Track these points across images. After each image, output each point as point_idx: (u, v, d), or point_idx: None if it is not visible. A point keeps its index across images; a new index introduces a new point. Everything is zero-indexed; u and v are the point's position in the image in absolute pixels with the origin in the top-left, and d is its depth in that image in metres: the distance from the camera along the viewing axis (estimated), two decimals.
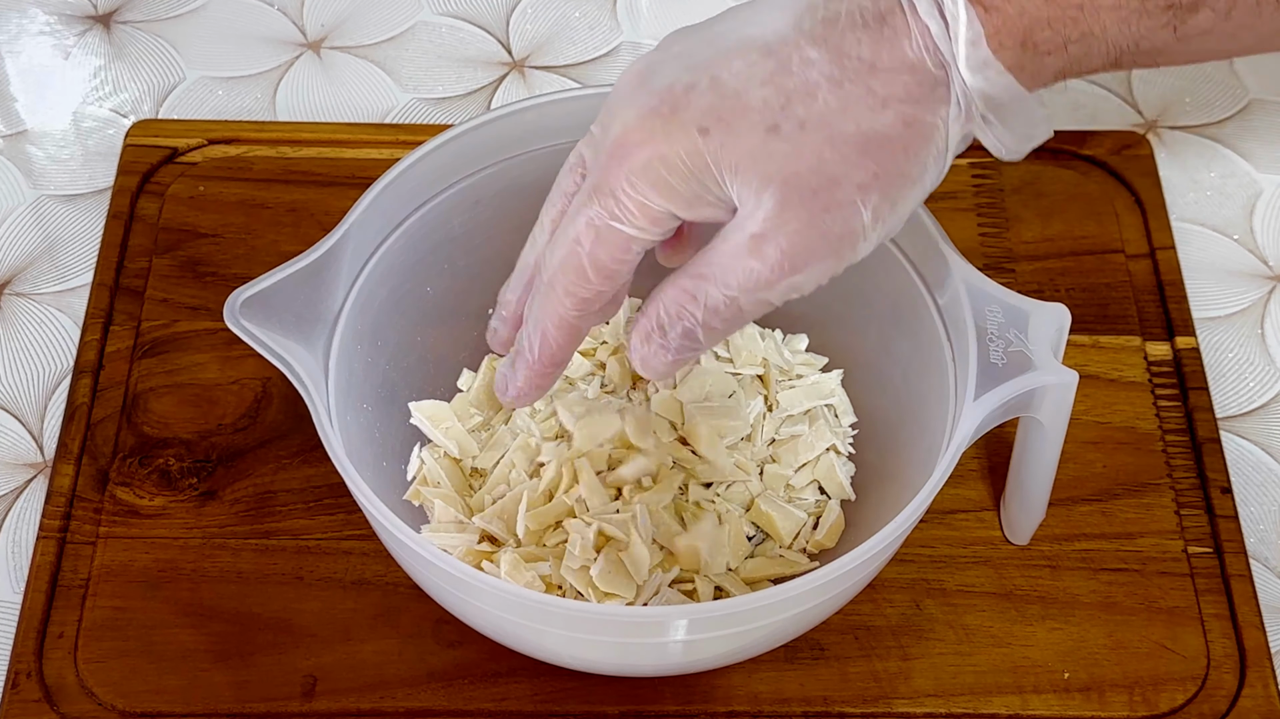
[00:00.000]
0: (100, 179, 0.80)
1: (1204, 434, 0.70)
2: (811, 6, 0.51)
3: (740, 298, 0.51)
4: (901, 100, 0.50)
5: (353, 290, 0.62)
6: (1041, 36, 0.49)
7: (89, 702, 0.62)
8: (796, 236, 0.50)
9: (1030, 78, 0.50)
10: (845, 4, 0.50)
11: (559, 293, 0.53)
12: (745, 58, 0.51)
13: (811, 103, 0.50)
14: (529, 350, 0.55)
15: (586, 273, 0.53)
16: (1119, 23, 0.49)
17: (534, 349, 0.55)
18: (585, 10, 0.89)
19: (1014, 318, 0.58)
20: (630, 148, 0.51)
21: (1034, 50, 0.49)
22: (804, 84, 0.50)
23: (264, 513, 0.68)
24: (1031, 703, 0.63)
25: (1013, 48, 0.49)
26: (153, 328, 0.73)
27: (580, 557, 0.60)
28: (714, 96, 0.50)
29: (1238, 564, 0.67)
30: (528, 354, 0.55)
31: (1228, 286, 0.77)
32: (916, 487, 0.55)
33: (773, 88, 0.50)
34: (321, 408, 0.56)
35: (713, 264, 0.51)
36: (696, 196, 0.51)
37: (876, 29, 0.50)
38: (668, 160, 0.50)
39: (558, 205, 0.56)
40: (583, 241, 0.52)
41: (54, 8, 0.88)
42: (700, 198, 0.51)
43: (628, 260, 0.53)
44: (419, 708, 0.63)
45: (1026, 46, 0.49)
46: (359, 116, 0.83)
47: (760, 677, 0.64)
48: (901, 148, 0.50)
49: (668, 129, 0.50)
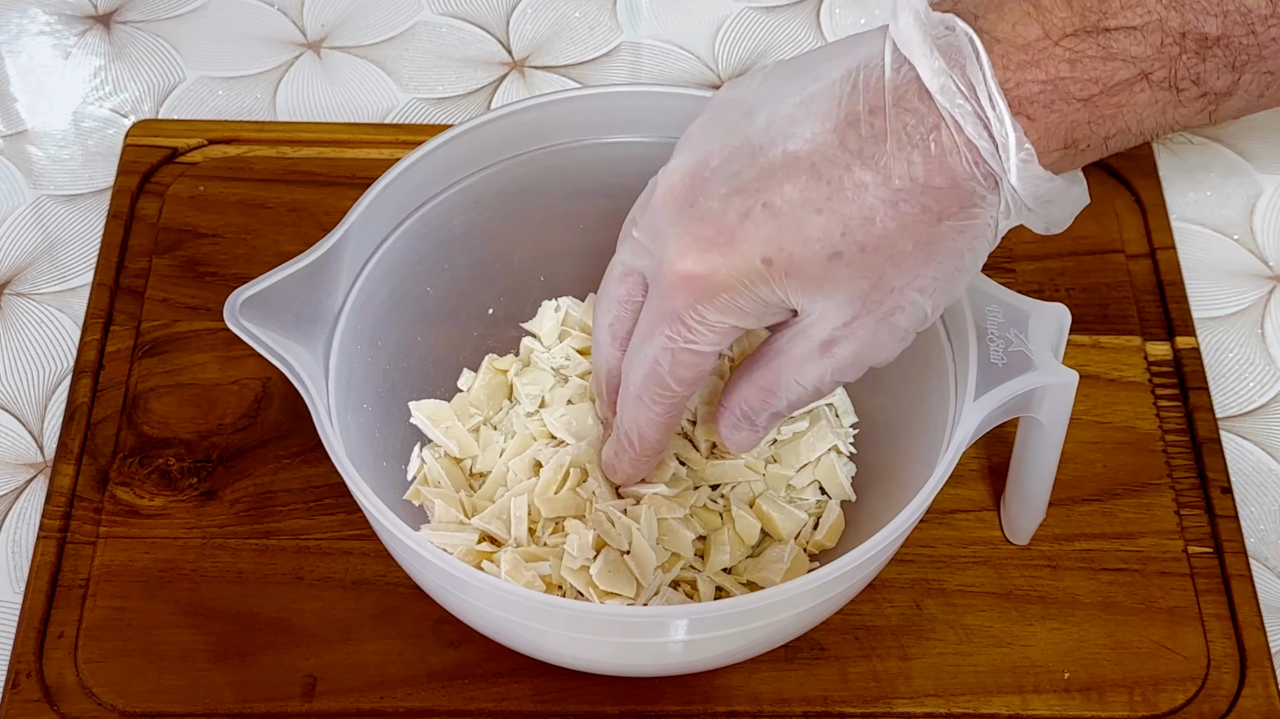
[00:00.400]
0: (100, 179, 0.80)
1: (1204, 434, 0.70)
2: (852, 119, 0.50)
3: (815, 392, 0.55)
4: (956, 215, 0.50)
5: (353, 290, 0.61)
6: (1081, 136, 0.50)
7: (89, 702, 0.62)
8: (867, 338, 0.53)
9: (1070, 168, 0.51)
10: (890, 121, 0.50)
11: (647, 403, 0.57)
12: (795, 181, 0.51)
13: (870, 227, 0.50)
14: (630, 447, 0.59)
15: (670, 386, 0.56)
16: (1155, 115, 0.50)
17: (634, 446, 0.59)
18: (585, 10, 0.89)
19: (1014, 318, 0.58)
20: (695, 281, 0.52)
21: (1075, 150, 0.50)
22: (860, 210, 0.50)
23: (264, 513, 0.68)
24: (1031, 703, 0.63)
25: (1056, 151, 0.50)
26: (153, 328, 0.73)
27: (579, 556, 0.60)
28: (770, 226, 0.51)
29: (1238, 564, 0.67)
30: (630, 450, 0.59)
31: (1228, 286, 0.77)
32: (916, 487, 0.55)
33: (829, 215, 0.50)
34: (321, 408, 0.56)
35: (786, 367, 0.54)
36: (762, 315, 0.53)
37: (924, 148, 0.49)
38: (734, 291, 0.52)
39: (612, 312, 0.58)
40: (661, 363, 0.55)
41: (54, 8, 0.88)
42: (765, 315, 0.53)
43: (705, 368, 0.55)
44: (419, 708, 0.63)
45: (1069, 148, 0.50)
46: (359, 116, 0.83)
47: (760, 677, 0.64)
48: (955, 253, 0.51)
49: (729, 262, 0.52)
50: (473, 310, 0.69)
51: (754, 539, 0.64)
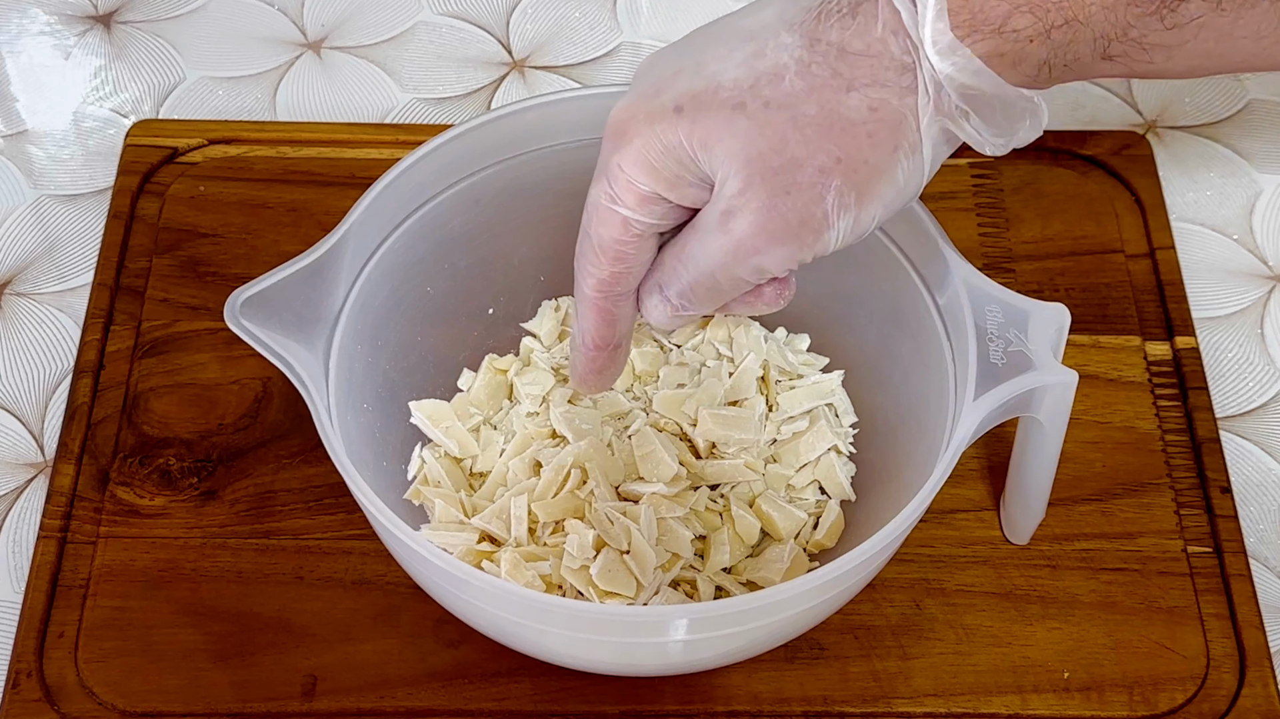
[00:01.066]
0: (100, 179, 0.80)
1: (1204, 434, 0.70)
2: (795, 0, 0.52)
3: (716, 273, 0.53)
4: (868, 85, 0.50)
5: (353, 290, 0.62)
6: (1022, 23, 0.49)
7: (89, 701, 0.62)
8: (758, 216, 0.51)
9: (1012, 67, 0.50)
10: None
11: (581, 276, 0.56)
12: (729, 44, 0.52)
13: (778, 84, 0.51)
14: (576, 336, 0.58)
15: (595, 254, 0.55)
16: (1104, 9, 0.48)
17: (579, 335, 0.58)
18: (585, 10, 0.89)
19: (1014, 318, 0.58)
20: (622, 129, 0.53)
21: (1014, 37, 0.49)
22: (774, 66, 0.51)
23: (264, 513, 0.68)
24: (1031, 703, 0.63)
25: (988, 34, 0.49)
26: (153, 328, 0.73)
27: (579, 556, 0.60)
28: (694, 78, 0.52)
29: (1237, 564, 0.67)
30: (576, 339, 0.58)
31: (1227, 286, 0.77)
32: (916, 487, 0.55)
33: (745, 69, 0.51)
34: (321, 408, 0.56)
35: (690, 241, 0.54)
36: (677, 176, 0.52)
37: (850, 15, 0.50)
38: (648, 141, 0.52)
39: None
40: (589, 225, 0.55)
41: (54, 8, 0.88)
42: (680, 178, 0.52)
43: (629, 242, 0.54)
44: (419, 708, 0.63)
45: (1004, 33, 0.49)
46: (359, 116, 0.83)
47: (760, 677, 0.64)
48: (866, 134, 0.50)
49: (649, 110, 0.52)
50: (473, 310, 0.69)
51: (754, 539, 0.64)
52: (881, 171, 0.51)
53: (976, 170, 0.79)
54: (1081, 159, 0.80)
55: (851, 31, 0.50)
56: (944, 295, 0.60)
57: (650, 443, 0.64)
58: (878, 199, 0.52)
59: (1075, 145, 0.80)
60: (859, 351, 0.68)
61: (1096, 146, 0.80)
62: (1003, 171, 0.79)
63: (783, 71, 0.51)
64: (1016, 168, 0.79)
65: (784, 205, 0.51)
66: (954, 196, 0.78)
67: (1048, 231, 0.77)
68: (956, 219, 0.77)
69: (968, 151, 0.80)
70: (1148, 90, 0.85)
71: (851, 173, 0.51)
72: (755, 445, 0.65)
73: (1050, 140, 0.80)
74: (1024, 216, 0.77)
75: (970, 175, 0.79)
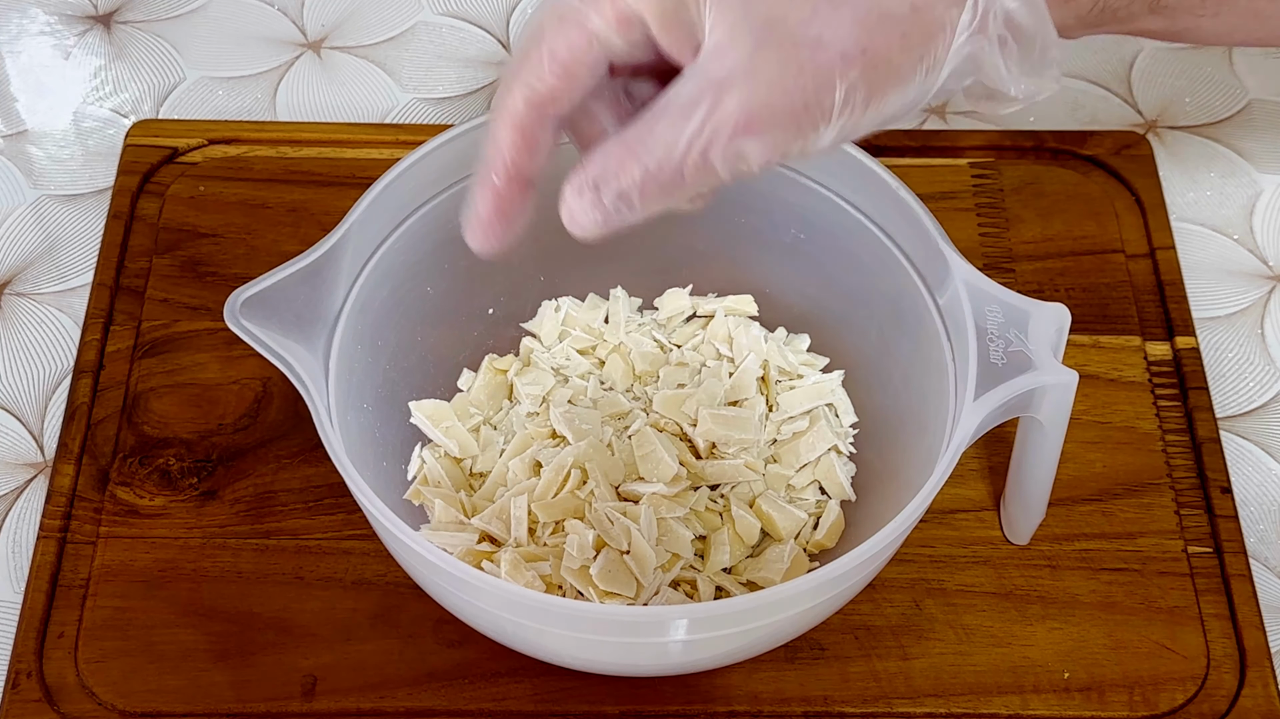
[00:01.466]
0: (100, 179, 0.80)
1: (1204, 434, 0.70)
2: None
3: (685, 158, 0.46)
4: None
5: (353, 290, 0.62)
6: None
7: (89, 701, 0.62)
8: (761, 89, 0.45)
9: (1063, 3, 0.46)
10: None
11: (514, 86, 0.48)
12: None
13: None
14: (484, 165, 0.50)
15: (543, 62, 0.48)
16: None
17: (489, 162, 0.50)
18: None
19: (1014, 318, 0.58)
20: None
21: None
22: None
23: (264, 513, 0.68)
24: (1031, 703, 0.63)
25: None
26: (153, 328, 0.73)
27: (579, 556, 0.60)
28: None
29: (1238, 564, 0.67)
30: (483, 169, 0.50)
31: (1228, 286, 0.77)
32: (916, 487, 0.55)
33: None
34: (321, 408, 0.56)
35: (662, 115, 0.46)
36: (673, 12, 0.47)
37: None
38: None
39: None
40: (545, 27, 0.48)
41: (54, 8, 0.88)
42: (676, 15, 0.47)
43: (584, 62, 0.48)
44: (419, 708, 0.63)
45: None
46: (359, 116, 0.83)
47: (760, 677, 0.64)
48: (901, 33, 0.46)
49: None
50: (473, 310, 0.69)
51: (754, 539, 0.64)
52: (899, 78, 0.46)
53: (976, 170, 0.79)
54: (1082, 159, 0.80)
55: None
56: (944, 295, 0.60)
57: (650, 443, 0.64)
58: (882, 107, 0.47)
59: (1075, 145, 0.80)
60: (859, 352, 0.68)
61: (1097, 146, 0.80)
62: (1003, 171, 0.79)
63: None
64: (1016, 168, 0.79)
65: (794, 83, 0.45)
66: (954, 196, 0.78)
67: (1048, 232, 0.77)
68: (956, 219, 0.77)
69: (968, 151, 0.80)
70: (1148, 90, 0.85)
71: (871, 69, 0.46)
72: (755, 445, 0.65)
73: (1050, 140, 0.80)
74: (1024, 216, 0.77)
75: (970, 175, 0.79)
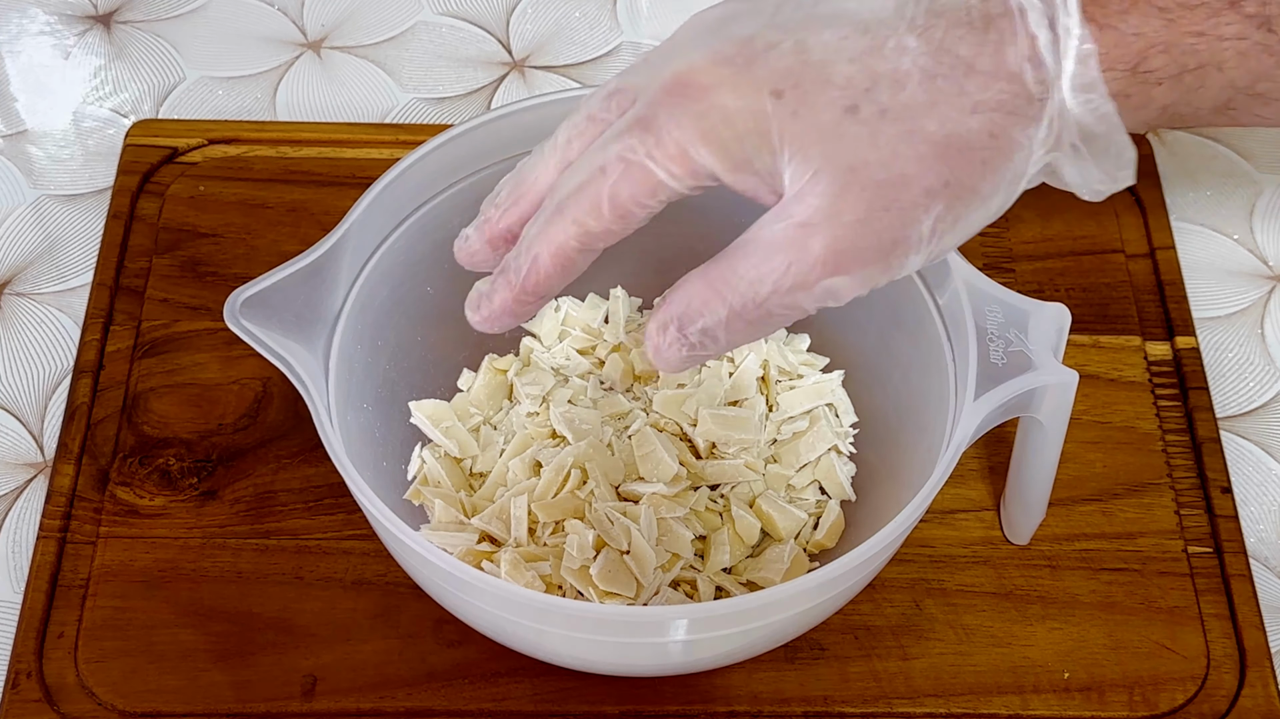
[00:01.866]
0: (100, 179, 0.80)
1: (1204, 434, 0.70)
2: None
3: (771, 298, 0.47)
4: (993, 109, 0.46)
5: (353, 290, 0.62)
6: (1156, 63, 0.45)
7: (89, 702, 0.62)
8: (848, 231, 0.46)
9: (1133, 111, 0.47)
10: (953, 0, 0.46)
11: (566, 220, 0.49)
12: (838, 30, 0.47)
13: (899, 91, 0.46)
14: (514, 273, 0.50)
15: (602, 205, 0.48)
16: (1238, 55, 0.46)
17: (520, 272, 0.50)
18: (585, 10, 0.89)
19: (1014, 318, 0.58)
20: (691, 89, 0.47)
21: (1145, 79, 0.46)
22: (895, 71, 0.46)
23: (264, 513, 0.68)
24: (1031, 703, 0.63)
25: (1122, 73, 0.45)
26: (153, 328, 0.73)
27: (579, 557, 0.60)
28: (796, 60, 0.46)
29: (1238, 564, 0.67)
30: (513, 276, 0.50)
31: (1228, 286, 0.77)
32: (916, 487, 0.55)
33: (861, 67, 0.46)
34: (321, 408, 0.56)
35: (747, 256, 0.47)
36: (745, 161, 0.47)
37: (982, 30, 0.46)
38: (728, 114, 0.46)
39: (579, 128, 0.51)
40: (609, 172, 0.48)
41: (54, 8, 0.88)
42: (749, 164, 0.47)
43: (648, 206, 0.48)
44: (419, 708, 0.63)
45: (1138, 73, 0.46)
46: (359, 116, 0.83)
47: (760, 677, 0.64)
48: (981, 160, 0.46)
49: (737, 81, 0.46)
50: None
51: (754, 539, 0.64)
52: (983, 201, 0.47)
53: None
54: None
55: (983, 49, 0.46)
56: (944, 295, 0.60)
57: (650, 443, 0.64)
58: (970, 226, 0.48)
59: None
60: (859, 351, 0.68)
61: None
62: None
63: (904, 79, 0.46)
64: None
65: (881, 223, 0.46)
66: None
67: (1048, 231, 0.77)
68: None
69: None
70: None
71: (956, 199, 0.46)
72: (755, 445, 0.65)
73: None
74: (1024, 216, 0.77)
75: None
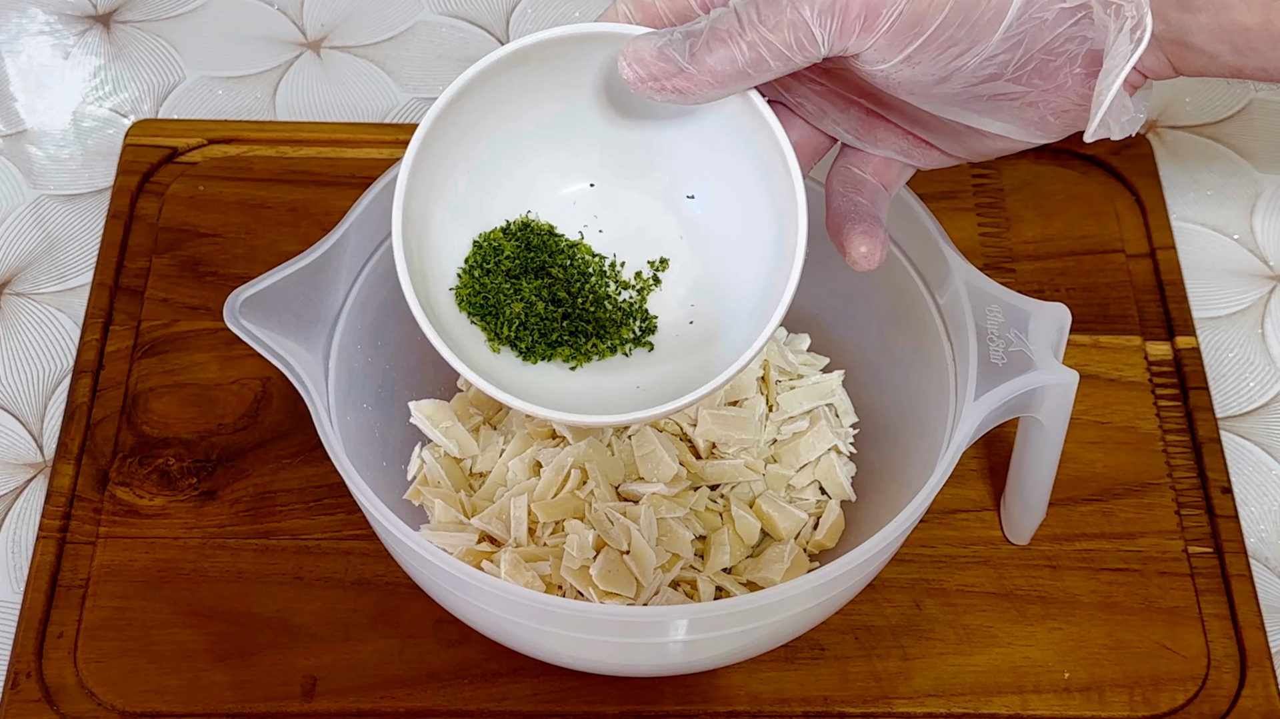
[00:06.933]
0: (100, 179, 0.80)
1: (1204, 434, 0.70)
2: None
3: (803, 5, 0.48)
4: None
5: (353, 290, 0.62)
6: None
7: (89, 702, 0.62)
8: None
9: (1171, 52, 0.49)
10: None
11: (757, 26, 0.48)
12: None
13: None
14: (706, 50, 0.49)
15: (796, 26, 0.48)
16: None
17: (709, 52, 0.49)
18: (585, 10, 0.89)
19: (1014, 318, 0.58)
20: None
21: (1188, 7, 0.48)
22: None
23: (264, 513, 0.68)
24: (1031, 703, 0.63)
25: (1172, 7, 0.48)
26: (153, 328, 0.73)
27: (579, 557, 0.60)
28: None
29: (1238, 564, 0.67)
30: (706, 59, 0.49)
31: (1228, 286, 0.77)
32: (916, 487, 0.55)
33: None
34: (321, 408, 0.56)
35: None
36: None
37: None
38: None
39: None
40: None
41: (54, 8, 0.88)
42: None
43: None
44: (419, 708, 0.63)
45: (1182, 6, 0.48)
46: (359, 116, 0.83)
47: (760, 677, 0.64)
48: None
49: None
50: None
51: (754, 539, 0.64)
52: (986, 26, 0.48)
53: (976, 170, 0.79)
54: (1082, 159, 0.80)
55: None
56: (944, 295, 0.60)
57: (650, 443, 0.64)
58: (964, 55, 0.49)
59: (1075, 145, 0.80)
60: (859, 351, 0.68)
61: (1097, 146, 0.80)
62: (1003, 171, 0.79)
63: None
64: (1016, 168, 0.79)
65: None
66: (954, 196, 0.78)
67: (1048, 231, 0.77)
68: (956, 219, 0.77)
69: None
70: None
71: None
72: (755, 445, 0.65)
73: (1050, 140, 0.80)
74: (1024, 216, 0.77)
75: (970, 175, 0.79)
